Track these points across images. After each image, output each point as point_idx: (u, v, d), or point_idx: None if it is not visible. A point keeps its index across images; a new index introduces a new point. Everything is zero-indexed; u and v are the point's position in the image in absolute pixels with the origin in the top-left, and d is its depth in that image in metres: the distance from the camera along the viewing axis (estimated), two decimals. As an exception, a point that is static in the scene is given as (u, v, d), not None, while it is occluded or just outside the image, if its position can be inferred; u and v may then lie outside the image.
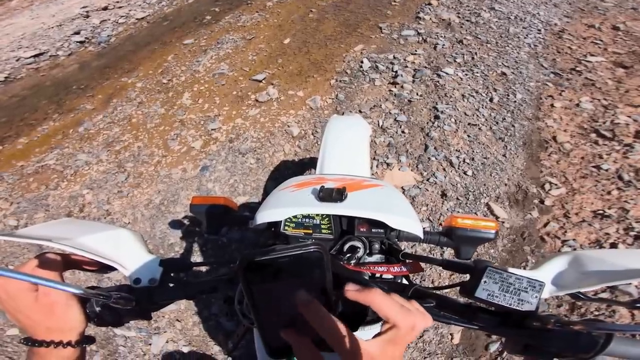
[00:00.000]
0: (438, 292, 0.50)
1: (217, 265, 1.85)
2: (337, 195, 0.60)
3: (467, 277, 0.48)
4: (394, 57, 3.10)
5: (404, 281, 0.65)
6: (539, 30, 3.71)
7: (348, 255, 0.60)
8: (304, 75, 3.18)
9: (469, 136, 2.31)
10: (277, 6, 4.82)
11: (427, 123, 2.41)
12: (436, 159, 2.20)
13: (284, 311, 0.39)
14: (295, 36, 3.91)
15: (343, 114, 2.62)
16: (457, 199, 2.03)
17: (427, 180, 2.12)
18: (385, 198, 0.68)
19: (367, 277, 0.59)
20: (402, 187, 2.11)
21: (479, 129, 2.36)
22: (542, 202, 2.04)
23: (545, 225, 1.94)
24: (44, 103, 3.36)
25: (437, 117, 2.42)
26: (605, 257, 0.45)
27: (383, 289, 0.45)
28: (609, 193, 2.02)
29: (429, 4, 4.35)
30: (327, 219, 0.65)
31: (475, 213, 1.96)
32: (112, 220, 2.18)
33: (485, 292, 0.44)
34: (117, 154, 2.64)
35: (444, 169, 2.16)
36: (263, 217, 0.63)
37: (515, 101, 2.57)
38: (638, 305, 0.40)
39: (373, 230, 0.62)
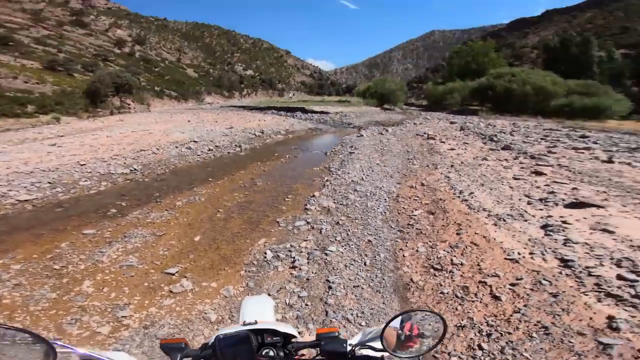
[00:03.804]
0: None
1: None
2: (249, 323, 0.95)
3: None
4: (291, 246, 4.05)
5: None
6: (385, 199, 5.35)
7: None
8: (216, 269, 3.59)
9: (355, 296, 3.09)
10: (187, 206, 5.48)
11: (324, 293, 3.15)
12: (336, 319, 2.84)
13: None
14: (205, 234, 4.44)
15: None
16: (360, 349, 2.58)
17: (335, 340, 2.67)
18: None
19: None
20: (317, 354, 2.59)
21: (362, 288, 3.20)
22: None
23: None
24: None
25: (330, 287, 3.20)
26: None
27: None
28: (456, 309, 2.87)
29: (313, 196, 5.85)
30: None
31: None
32: None
33: None
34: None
35: (344, 326, 2.78)
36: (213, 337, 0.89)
37: (380, 260, 3.61)
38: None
39: (274, 338, 0.98)
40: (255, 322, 0.97)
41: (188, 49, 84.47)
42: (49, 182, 6.35)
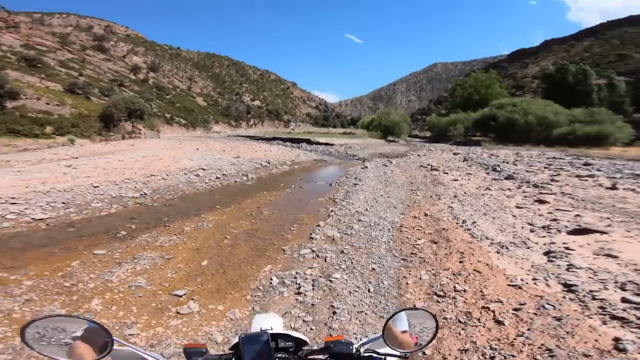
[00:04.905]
0: None
1: None
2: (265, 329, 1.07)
3: None
4: (297, 273, 4.10)
5: None
6: (389, 229, 5.43)
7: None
8: (223, 293, 3.65)
9: (359, 321, 3.13)
10: (195, 231, 5.56)
11: (329, 318, 3.19)
12: (341, 346, 2.87)
13: None
14: (212, 259, 4.51)
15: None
16: (364, 375, 2.61)
17: (339, 366, 2.70)
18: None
19: None
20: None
21: (365, 313, 3.24)
22: (423, 354, 2.76)
23: (435, 370, 2.58)
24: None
25: (335, 313, 3.25)
26: None
27: None
28: (459, 334, 2.89)
29: (318, 225, 5.93)
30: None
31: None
32: None
33: None
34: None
35: (349, 353, 2.81)
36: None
37: (384, 287, 3.66)
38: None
39: (287, 343, 0.99)
40: (271, 329, 1.06)
41: (198, 78, 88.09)
42: (63, 202, 6.53)
